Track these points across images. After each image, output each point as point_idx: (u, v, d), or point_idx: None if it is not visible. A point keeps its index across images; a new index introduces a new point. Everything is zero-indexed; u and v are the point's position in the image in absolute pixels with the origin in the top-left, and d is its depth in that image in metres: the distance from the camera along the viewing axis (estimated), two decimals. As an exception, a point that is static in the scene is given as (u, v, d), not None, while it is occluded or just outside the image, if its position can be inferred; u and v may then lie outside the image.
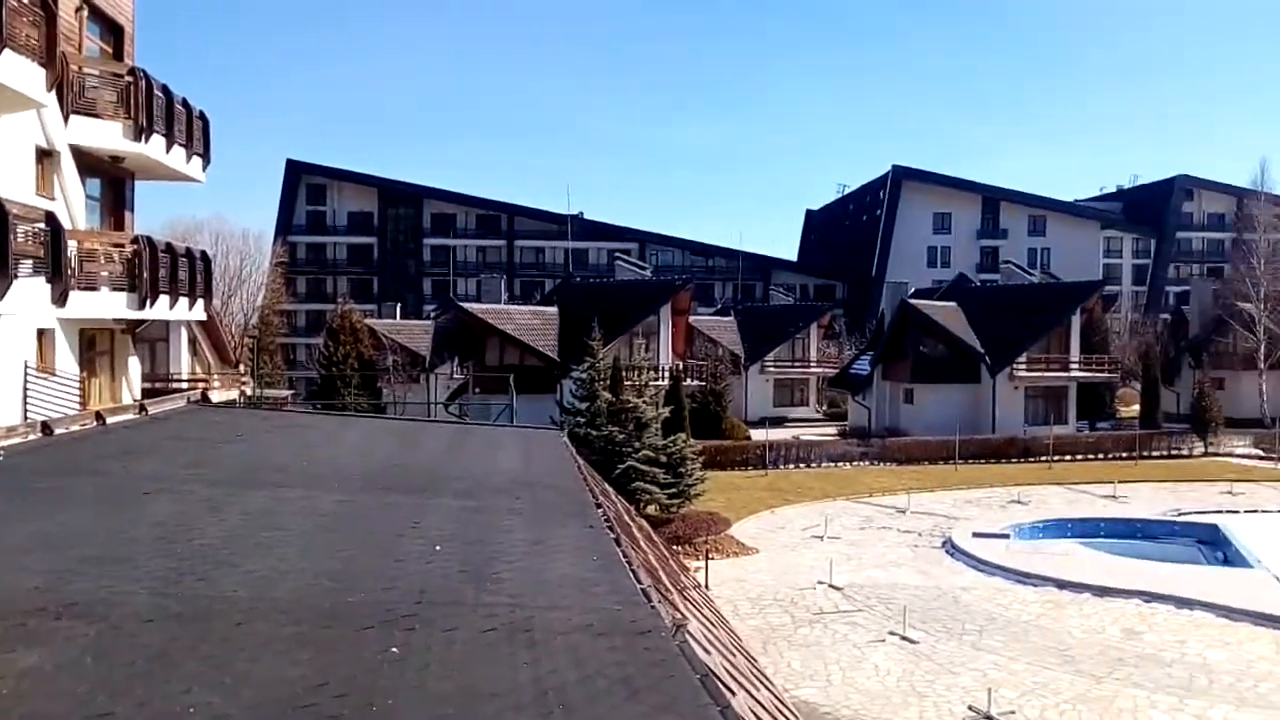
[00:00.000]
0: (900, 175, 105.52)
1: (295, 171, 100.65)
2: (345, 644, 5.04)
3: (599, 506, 10.65)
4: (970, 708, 14.99)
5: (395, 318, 66.75)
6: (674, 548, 23.33)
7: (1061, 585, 22.24)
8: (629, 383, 30.55)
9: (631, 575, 7.36)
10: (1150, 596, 21.20)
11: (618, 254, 77.38)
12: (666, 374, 43.11)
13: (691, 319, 57.93)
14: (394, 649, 5.00)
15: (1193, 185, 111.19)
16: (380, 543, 7.80)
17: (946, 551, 26.08)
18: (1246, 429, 48.80)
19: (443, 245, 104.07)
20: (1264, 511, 31.83)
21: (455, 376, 56.37)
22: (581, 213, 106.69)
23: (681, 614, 8.29)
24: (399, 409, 42.80)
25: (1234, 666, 16.97)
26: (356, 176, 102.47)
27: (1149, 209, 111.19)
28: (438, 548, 7.66)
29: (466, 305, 50.55)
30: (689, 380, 47.12)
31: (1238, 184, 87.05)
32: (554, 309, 48.84)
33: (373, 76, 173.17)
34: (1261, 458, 44.08)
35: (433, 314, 72.20)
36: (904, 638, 18.45)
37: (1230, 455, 45.26)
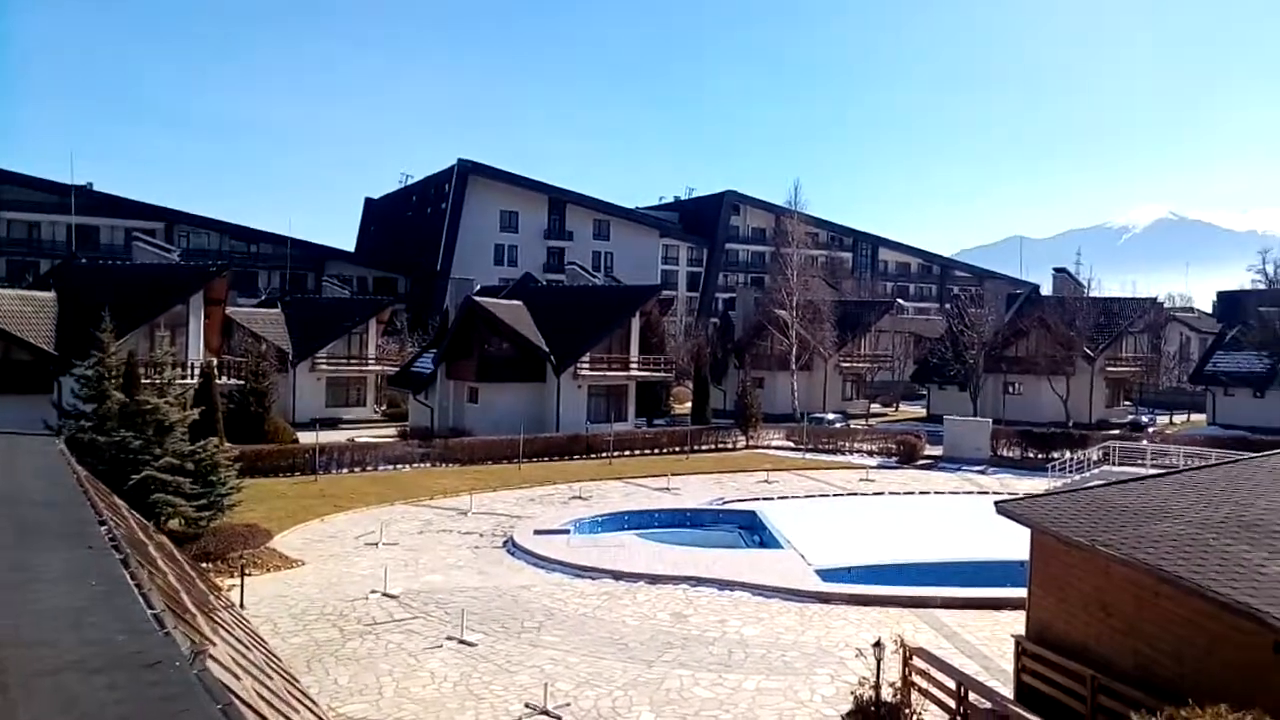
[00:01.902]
0: (466, 169, 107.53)
1: None
2: None
3: (103, 524, 9.65)
4: (527, 705, 15.66)
5: None
6: (203, 565, 21.78)
7: (618, 576, 24.06)
8: (149, 381, 27.95)
9: (141, 600, 6.83)
10: (697, 581, 23.64)
11: (137, 234, 70.43)
12: (197, 371, 40.07)
13: (230, 310, 54.53)
14: None
15: (739, 201, 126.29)
16: None
17: (508, 551, 27.03)
18: (781, 423, 56.40)
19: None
20: (793, 497, 36.92)
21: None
22: (90, 184, 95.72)
23: (205, 639, 7.73)
24: None
25: (766, 639, 19.43)
26: None
27: (702, 220, 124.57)
28: None
29: (-72, 286, 43.07)
30: (225, 379, 44.25)
31: (776, 202, 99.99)
32: (51, 294, 43.36)
33: None
34: (793, 448, 51.05)
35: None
36: (462, 641, 18.80)
37: (767, 447, 51.82)
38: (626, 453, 47.58)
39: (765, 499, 36.04)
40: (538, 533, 28.79)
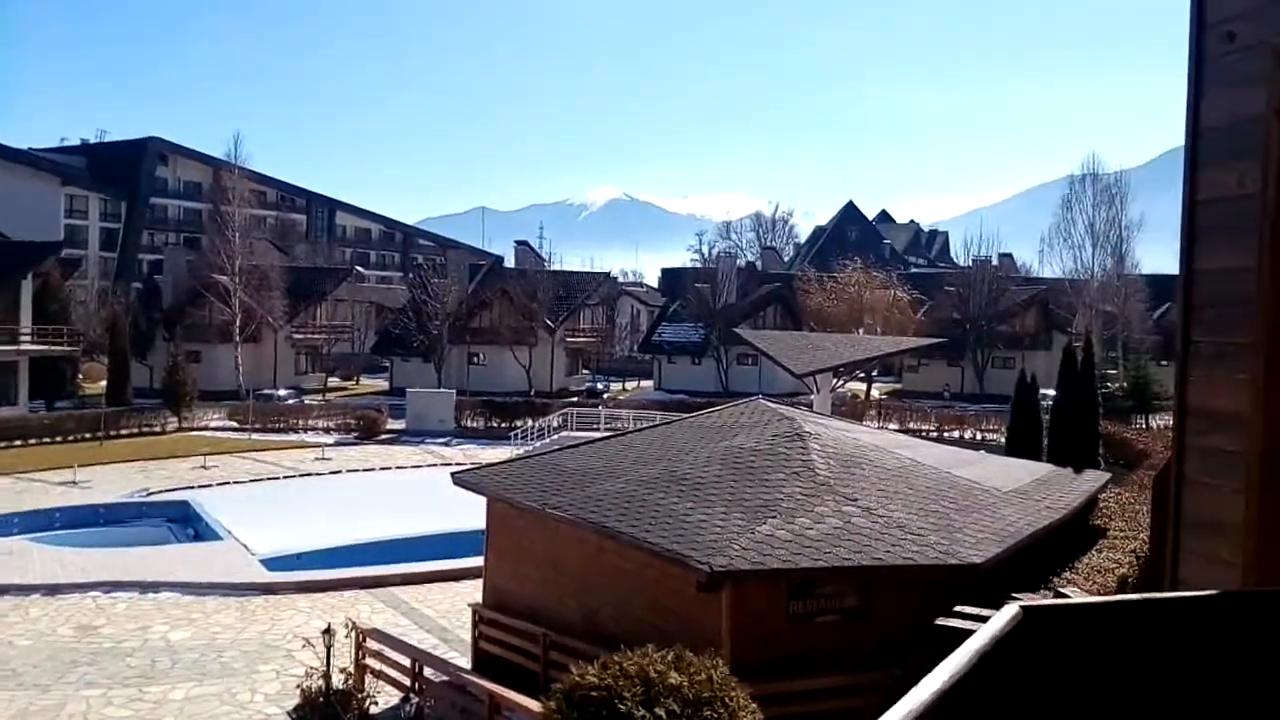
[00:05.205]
0: None
1: None
2: None
3: None
4: None
5: None
6: None
7: (3, 591, 21.17)
8: None
9: None
10: (112, 586, 21.65)
11: None
12: None
13: None
14: None
15: (167, 150, 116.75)
16: None
17: None
18: (224, 401, 53.59)
19: None
20: (236, 483, 35.50)
21: None
22: None
23: None
24: None
25: (199, 642, 18.27)
26: None
27: (120, 169, 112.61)
28: None
29: None
30: None
31: (214, 154, 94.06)
32: None
33: None
34: (237, 429, 48.77)
35: None
36: None
37: (205, 428, 49.03)
38: (18, 442, 42.13)
39: (203, 486, 34.41)
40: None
